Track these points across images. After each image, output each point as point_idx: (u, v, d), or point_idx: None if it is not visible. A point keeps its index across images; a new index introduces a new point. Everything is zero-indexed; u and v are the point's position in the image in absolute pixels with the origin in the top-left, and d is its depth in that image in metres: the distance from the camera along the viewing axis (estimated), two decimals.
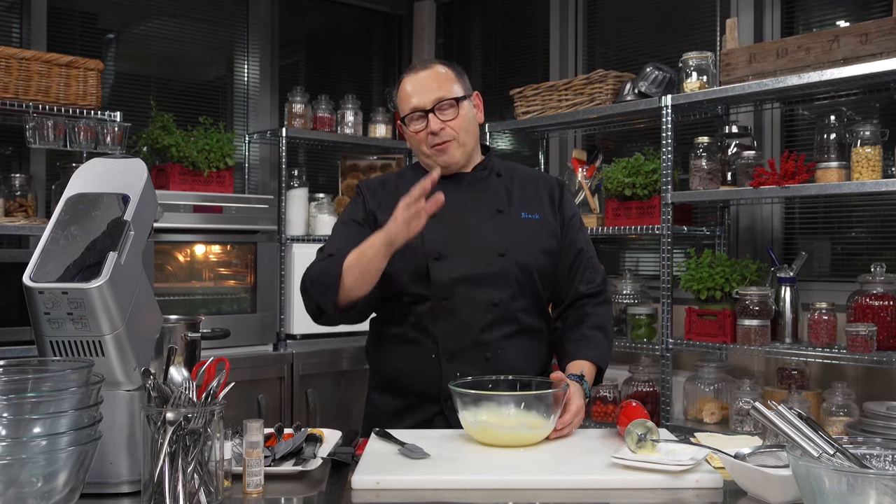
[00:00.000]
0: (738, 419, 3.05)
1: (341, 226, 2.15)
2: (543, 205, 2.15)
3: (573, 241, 2.15)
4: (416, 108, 2.06)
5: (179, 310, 3.51)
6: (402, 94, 2.10)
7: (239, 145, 4.24)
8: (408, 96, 2.08)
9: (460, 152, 2.09)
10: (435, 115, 2.05)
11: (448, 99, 2.05)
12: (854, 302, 2.86)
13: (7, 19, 3.76)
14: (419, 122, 2.07)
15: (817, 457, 1.27)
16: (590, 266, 2.16)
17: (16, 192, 3.36)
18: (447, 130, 2.06)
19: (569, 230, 2.16)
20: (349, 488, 1.52)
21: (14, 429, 1.23)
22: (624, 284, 3.61)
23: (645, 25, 4.05)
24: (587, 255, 2.17)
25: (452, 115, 2.06)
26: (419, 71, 2.09)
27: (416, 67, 2.11)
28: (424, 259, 2.03)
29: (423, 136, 2.07)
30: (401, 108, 2.12)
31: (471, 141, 2.12)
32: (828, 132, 2.88)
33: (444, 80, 2.07)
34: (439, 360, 2.02)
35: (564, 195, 2.20)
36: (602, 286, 2.17)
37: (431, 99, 2.05)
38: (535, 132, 3.97)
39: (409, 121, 2.08)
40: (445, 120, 2.05)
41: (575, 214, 2.19)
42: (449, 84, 2.07)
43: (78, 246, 1.47)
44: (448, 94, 2.06)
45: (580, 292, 2.14)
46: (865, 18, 3.14)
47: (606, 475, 1.55)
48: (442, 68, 2.10)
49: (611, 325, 2.16)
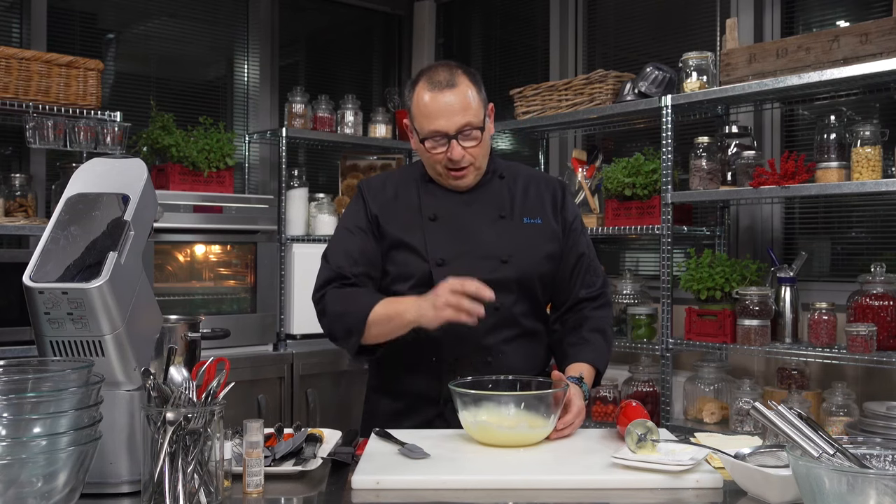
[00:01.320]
0: (738, 419, 3.05)
1: (346, 232, 2.11)
2: (545, 208, 2.14)
3: (574, 245, 2.15)
4: (439, 132, 1.98)
5: (179, 310, 3.51)
6: (424, 110, 1.99)
7: (239, 145, 4.24)
8: (431, 116, 1.98)
9: (474, 176, 2.08)
10: (458, 142, 1.99)
11: (474, 127, 1.99)
12: (854, 302, 2.86)
13: (7, 19, 3.76)
14: (440, 145, 2.00)
15: (817, 457, 1.27)
16: (590, 270, 2.16)
17: (16, 192, 3.36)
18: (467, 157, 2.01)
19: (570, 234, 2.15)
20: (349, 488, 1.52)
21: (14, 429, 1.23)
22: (624, 284, 3.61)
23: (645, 25, 4.05)
24: (588, 258, 2.17)
25: (474, 143, 2.00)
26: (444, 90, 1.97)
27: (442, 83, 1.98)
28: (427, 264, 2.03)
29: (439, 157, 2.02)
30: (419, 124, 2.02)
31: (485, 162, 2.09)
32: (828, 132, 2.88)
33: (470, 103, 1.98)
34: (440, 364, 2.02)
35: (566, 198, 2.18)
36: (602, 289, 2.17)
37: (457, 125, 1.97)
38: (535, 132, 3.97)
39: (429, 141, 2.01)
40: (467, 147, 2.00)
41: (576, 217, 2.19)
42: (474, 108, 1.99)
43: (78, 246, 1.47)
44: (473, 120, 1.98)
45: (580, 296, 2.14)
46: (865, 18, 3.14)
47: (606, 475, 1.55)
48: (468, 87, 1.99)
49: (610, 328, 2.16)
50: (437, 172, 2.07)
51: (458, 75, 2.00)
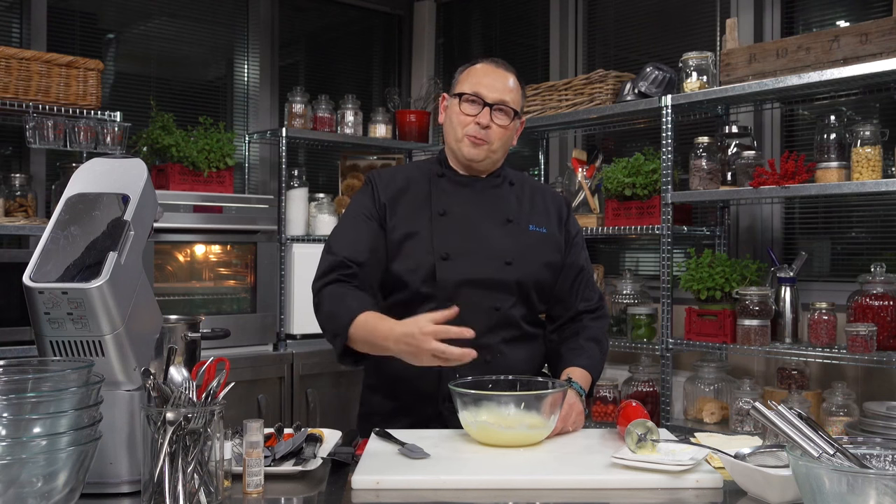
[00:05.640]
0: (738, 419, 3.05)
1: (349, 220, 2.12)
2: (551, 220, 2.19)
3: (576, 259, 2.19)
4: (480, 95, 2.07)
5: (179, 310, 3.51)
6: (472, 75, 2.10)
7: (239, 145, 4.24)
8: (478, 80, 2.08)
9: (486, 155, 2.11)
10: (491, 111, 2.07)
11: (509, 107, 2.08)
12: (854, 302, 2.86)
13: (7, 19, 3.75)
14: (474, 107, 2.07)
15: (817, 457, 1.27)
16: (589, 284, 2.21)
17: (16, 192, 3.36)
18: (491, 132, 2.07)
19: (573, 247, 2.20)
20: (349, 488, 1.52)
21: (14, 429, 1.23)
22: (624, 284, 3.61)
23: (645, 25, 4.05)
24: (587, 273, 2.22)
25: (504, 122, 2.08)
26: (500, 67, 2.11)
27: (499, 62, 2.13)
28: (432, 258, 2.04)
29: (468, 120, 2.08)
30: (461, 84, 2.11)
31: (500, 154, 2.14)
32: (828, 132, 2.88)
33: (515, 92, 2.10)
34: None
35: (571, 214, 2.25)
36: (599, 303, 2.22)
37: (497, 97, 2.07)
38: (535, 132, 3.96)
39: (465, 101, 2.08)
40: (496, 122, 2.07)
41: (578, 232, 2.24)
42: (515, 97, 2.11)
43: (78, 246, 1.47)
44: (511, 102, 2.09)
45: (579, 308, 2.18)
46: (865, 18, 3.14)
47: (606, 475, 1.55)
48: (517, 81, 2.13)
49: (605, 339, 2.21)
50: (457, 137, 2.10)
51: (512, 69, 2.15)
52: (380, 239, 2.07)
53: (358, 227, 2.09)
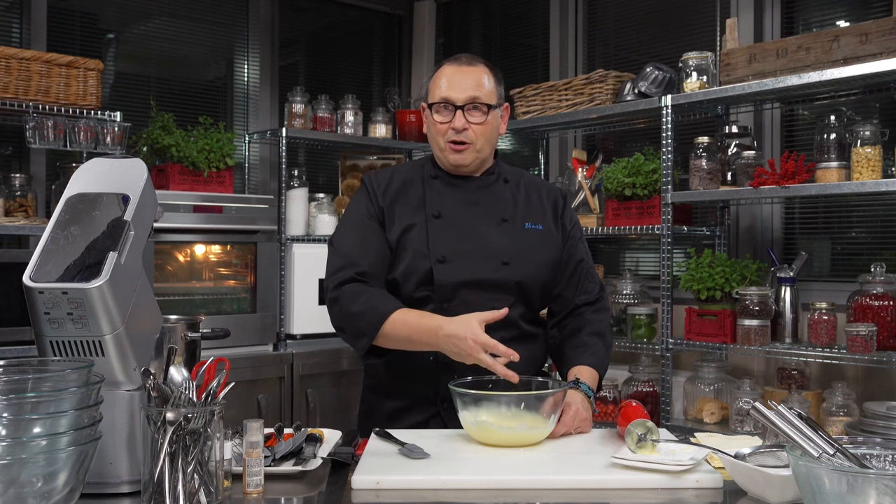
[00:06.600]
0: (738, 419, 3.05)
1: (355, 222, 2.11)
2: (547, 215, 2.17)
3: (574, 253, 2.18)
4: (448, 100, 2.04)
5: (179, 310, 3.51)
6: (438, 81, 2.07)
7: (239, 145, 4.24)
8: (443, 85, 2.06)
9: (473, 157, 2.09)
10: (464, 113, 2.04)
11: (482, 103, 2.04)
12: (854, 302, 2.86)
13: (7, 19, 3.75)
14: (446, 113, 2.05)
15: (817, 457, 1.27)
16: (589, 276, 2.19)
17: (16, 192, 3.36)
18: (469, 133, 2.05)
19: (569, 241, 2.18)
20: (349, 488, 1.52)
21: (14, 429, 1.23)
22: (624, 284, 3.61)
23: (645, 25, 4.05)
24: (587, 265, 2.20)
25: (479, 119, 2.05)
26: (463, 64, 2.07)
27: (462, 60, 2.09)
28: (429, 261, 2.03)
29: (444, 129, 2.06)
30: (431, 94, 2.09)
31: (488, 150, 2.12)
32: (828, 132, 2.88)
33: (484, 84, 2.06)
34: (438, 363, 2.02)
35: (567, 206, 2.23)
36: (600, 294, 2.20)
37: (466, 96, 2.04)
38: (535, 132, 3.97)
39: (436, 110, 2.06)
40: (472, 122, 2.04)
41: (575, 225, 2.22)
42: (487, 90, 2.06)
43: (78, 246, 1.47)
44: (483, 97, 2.05)
45: (579, 301, 2.16)
46: (865, 18, 3.14)
47: (606, 475, 1.55)
48: (486, 71, 2.08)
49: (609, 331, 2.18)
50: (440, 147, 2.09)
51: (478, 61, 2.11)
52: (384, 239, 2.07)
53: (363, 229, 2.09)
